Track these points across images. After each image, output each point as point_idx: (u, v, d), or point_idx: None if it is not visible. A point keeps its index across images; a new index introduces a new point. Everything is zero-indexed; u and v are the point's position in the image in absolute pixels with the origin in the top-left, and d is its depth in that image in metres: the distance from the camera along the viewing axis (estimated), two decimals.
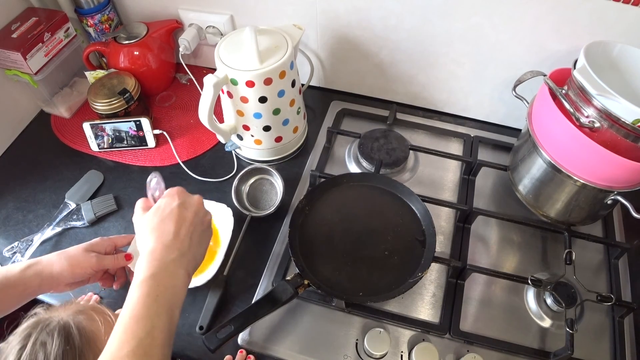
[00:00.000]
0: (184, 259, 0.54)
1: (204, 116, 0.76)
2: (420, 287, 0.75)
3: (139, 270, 0.51)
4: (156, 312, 0.48)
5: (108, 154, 0.95)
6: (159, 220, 0.55)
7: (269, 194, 0.87)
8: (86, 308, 0.59)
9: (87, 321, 0.55)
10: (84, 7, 0.97)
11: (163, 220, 0.55)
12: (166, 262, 0.52)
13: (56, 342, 0.51)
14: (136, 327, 0.47)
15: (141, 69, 0.98)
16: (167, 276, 0.51)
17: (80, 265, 0.64)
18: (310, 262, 0.71)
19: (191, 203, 0.59)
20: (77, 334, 0.53)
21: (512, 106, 0.91)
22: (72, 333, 0.53)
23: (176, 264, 0.53)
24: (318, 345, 0.69)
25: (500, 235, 0.82)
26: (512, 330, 0.71)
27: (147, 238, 0.54)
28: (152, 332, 0.47)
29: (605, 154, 0.62)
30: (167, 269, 0.52)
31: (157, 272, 0.51)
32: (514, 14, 0.77)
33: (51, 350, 0.50)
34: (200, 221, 0.59)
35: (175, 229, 0.55)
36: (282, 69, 0.76)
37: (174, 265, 0.53)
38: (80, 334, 0.53)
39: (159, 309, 0.49)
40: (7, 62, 0.88)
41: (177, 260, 0.53)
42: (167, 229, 0.55)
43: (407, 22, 0.85)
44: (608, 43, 0.70)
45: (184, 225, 0.56)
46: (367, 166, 0.89)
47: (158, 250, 0.53)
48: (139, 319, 0.47)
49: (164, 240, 0.54)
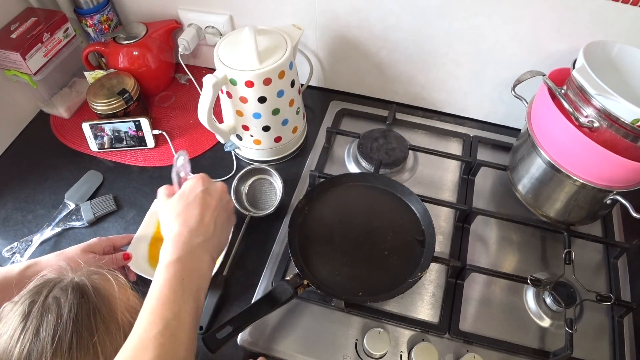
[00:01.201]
0: (208, 243, 0.55)
1: (203, 116, 0.76)
2: (420, 287, 0.75)
3: (165, 253, 0.52)
4: (182, 295, 0.49)
5: (107, 154, 0.95)
6: (184, 205, 0.56)
7: (269, 194, 0.87)
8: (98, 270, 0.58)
9: (102, 281, 0.54)
10: (83, 7, 0.97)
11: (188, 206, 0.56)
12: (192, 245, 0.53)
13: (70, 297, 0.49)
14: (163, 309, 0.47)
15: (140, 69, 0.98)
16: (193, 260, 0.52)
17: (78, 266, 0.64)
18: (310, 262, 0.71)
19: (215, 189, 0.60)
20: (92, 292, 0.51)
21: (511, 106, 0.91)
22: (87, 290, 0.51)
23: (201, 248, 0.54)
24: (318, 345, 0.69)
25: (499, 235, 0.82)
26: (512, 330, 0.71)
27: (172, 223, 0.55)
28: (179, 315, 0.47)
29: (604, 153, 0.62)
30: (192, 252, 0.53)
31: (183, 256, 0.51)
32: (514, 14, 0.77)
33: (65, 303, 0.48)
34: (224, 207, 0.60)
35: (200, 214, 0.56)
36: (281, 69, 0.76)
37: (200, 250, 0.53)
38: (95, 291, 0.51)
39: (185, 292, 0.49)
40: (6, 62, 0.88)
41: (202, 244, 0.54)
42: (192, 214, 0.56)
43: (407, 22, 0.85)
44: (607, 43, 0.70)
45: (208, 210, 0.57)
46: (367, 166, 0.89)
47: (184, 234, 0.53)
48: (166, 302, 0.48)
49: (189, 224, 0.55)
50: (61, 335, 0.47)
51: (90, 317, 0.49)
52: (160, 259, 0.52)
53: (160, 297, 0.48)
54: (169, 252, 0.52)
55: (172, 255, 0.51)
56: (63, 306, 0.48)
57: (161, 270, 0.50)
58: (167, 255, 0.52)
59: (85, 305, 0.49)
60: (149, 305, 0.48)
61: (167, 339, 0.45)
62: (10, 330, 0.47)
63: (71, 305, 0.48)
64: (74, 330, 0.47)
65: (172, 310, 0.47)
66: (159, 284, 0.49)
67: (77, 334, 0.47)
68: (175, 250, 0.52)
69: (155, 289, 0.49)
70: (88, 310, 0.49)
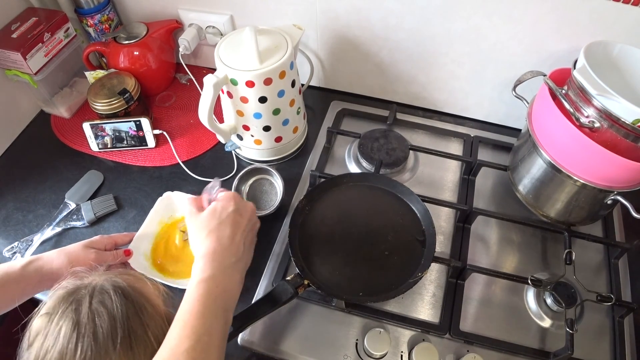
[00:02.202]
0: (239, 263, 0.58)
1: (203, 116, 0.76)
2: (420, 287, 0.75)
3: (198, 269, 0.53)
4: (214, 312, 0.50)
5: (108, 154, 0.95)
6: (216, 223, 0.58)
7: (269, 194, 0.87)
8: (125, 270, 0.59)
9: (135, 281, 0.54)
10: (84, 7, 0.98)
11: (221, 224, 0.58)
12: (225, 265, 0.55)
13: (115, 299, 0.49)
14: (196, 324, 0.48)
15: (141, 69, 0.98)
16: (225, 278, 0.54)
17: (80, 261, 0.65)
18: (310, 262, 0.71)
19: (245, 209, 0.63)
20: (132, 292, 0.51)
21: (512, 106, 0.91)
22: (128, 291, 0.51)
23: (233, 268, 0.56)
24: (318, 345, 0.69)
25: (500, 235, 0.82)
26: (512, 330, 0.71)
27: (205, 239, 0.57)
28: (210, 331, 0.48)
29: (605, 154, 0.62)
30: (225, 271, 0.55)
31: (217, 274, 0.53)
32: (514, 13, 0.77)
33: (113, 306, 0.48)
34: (252, 228, 0.64)
35: (231, 233, 0.58)
36: (282, 69, 0.76)
37: (232, 269, 0.56)
38: (135, 291, 0.52)
39: (217, 310, 0.51)
40: (7, 62, 0.88)
41: (234, 264, 0.56)
42: (224, 233, 0.58)
43: (407, 22, 0.85)
44: (608, 43, 0.70)
45: (239, 230, 0.59)
46: (367, 166, 0.89)
47: (218, 252, 0.56)
48: (199, 317, 0.49)
49: (222, 243, 0.57)
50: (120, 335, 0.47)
51: (139, 315, 0.50)
52: (193, 275, 0.53)
53: (193, 312, 0.49)
54: (202, 268, 0.54)
55: (205, 272, 0.53)
56: (112, 309, 0.48)
57: (194, 286, 0.52)
58: (200, 272, 0.53)
59: (132, 305, 0.50)
60: (181, 319, 0.49)
61: (198, 354, 0.46)
62: (64, 340, 0.46)
63: (120, 307, 0.49)
64: (129, 328, 0.48)
65: (204, 326, 0.48)
66: (192, 299, 0.50)
67: (133, 332, 0.48)
68: (209, 268, 0.54)
69: (188, 303, 0.50)
70: (135, 309, 0.50)
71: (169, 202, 0.82)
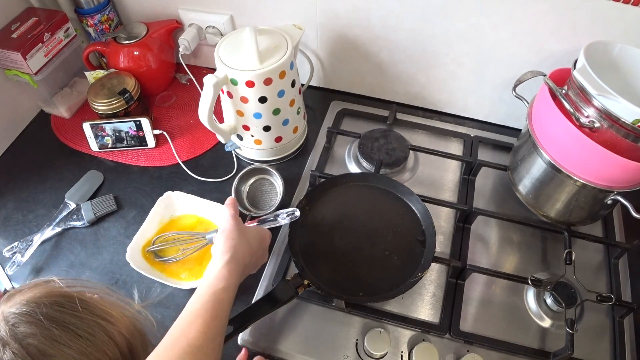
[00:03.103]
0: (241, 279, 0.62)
1: (203, 116, 0.76)
2: (420, 287, 0.75)
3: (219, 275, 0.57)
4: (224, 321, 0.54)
5: (108, 154, 0.95)
6: (247, 250, 0.63)
7: (269, 194, 0.87)
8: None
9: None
10: (84, 7, 0.97)
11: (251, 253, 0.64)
12: (234, 282, 0.58)
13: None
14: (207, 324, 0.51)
15: (141, 69, 0.98)
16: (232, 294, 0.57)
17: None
18: (310, 262, 0.71)
19: (265, 236, 0.70)
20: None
21: (512, 106, 0.91)
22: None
23: (237, 285, 0.59)
24: (318, 345, 0.69)
25: (500, 235, 0.82)
26: (512, 330, 0.71)
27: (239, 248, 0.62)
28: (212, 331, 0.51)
29: (605, 154, 0.62)
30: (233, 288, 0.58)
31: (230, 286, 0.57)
32: (514, 13, 0.77)
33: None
34: (263, 252, 0.69)
35: (250, 254, 0.64)
36: (282, 69, 0.76)
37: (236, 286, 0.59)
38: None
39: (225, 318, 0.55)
40: (7, 62, 0.88)
41: (239, 281, 0.60)
42: (245, 252, 0.62)
43: (407, 22, 0.85)
44: (608, 43, 0.70)
45: (255, 252, 0.66)
46: (367, 166, 0.89)
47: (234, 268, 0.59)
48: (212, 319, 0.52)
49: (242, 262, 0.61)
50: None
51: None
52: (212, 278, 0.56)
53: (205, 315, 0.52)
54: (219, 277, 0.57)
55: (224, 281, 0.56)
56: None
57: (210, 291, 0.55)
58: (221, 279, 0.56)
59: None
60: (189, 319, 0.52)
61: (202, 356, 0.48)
62: None
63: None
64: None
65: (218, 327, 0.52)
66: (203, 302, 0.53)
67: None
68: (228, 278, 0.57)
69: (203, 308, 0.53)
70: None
71: (169, 202, 0.82)
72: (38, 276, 0.78)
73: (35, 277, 0.78)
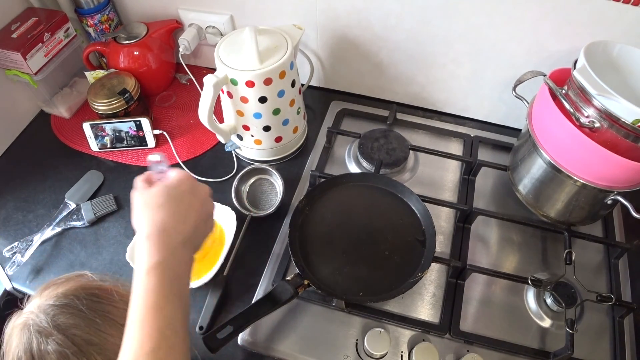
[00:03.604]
0: (189, 244, 0.51)
1: (203, 116, 0.76)
2: (420, 287, 0.75)
3: (144, 254, 0.47)
4: (172, 301, 0.45)
5: (108, 154, 0.95)
6: (165, 200, 0.50)
7: (269, 194, 0.87)
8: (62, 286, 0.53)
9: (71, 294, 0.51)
10: (84, 7, 0.97)
11: (170, 201, 0.51)
12: (174, 246, 0.48)
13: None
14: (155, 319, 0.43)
15: (141, 69, 0.98)
16: (177, 262, 0.48)
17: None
18: (310, 262, 0.71)
19: (199, 191, 0.55)
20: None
21: (512, 106, 0.91)
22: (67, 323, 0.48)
23: (183, 250, 0.49)
24: (318, 345, 0.69)
25: (500, 235, 0.82)
26: (512, 330, 0.71)
27: (151, 216, 0.49)
28: (172, 324, 0.44)
29: (605, 154, 0.62)
30: (175, 254, 0.48)
31: (167, 258, 0.47)
32: (514, 14, 0.77)
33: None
34: (206, 210, 0.56)
35: (182, 212, 0.51)
36: (282, 69, 0.76)
37: (182, 250, 0.49)
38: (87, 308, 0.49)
39: (174, 299, 0.45)
40: (7, 62, 0.88)
41: (183, 245, 0.49)
42: (175, 210, 0.50)
43: (407, 22, 0.85)
44: (608, 43, 0.70)
45: (191, 210, 0.52)
46: (367, 166, 0.89)
47: (165, 231, 0.48)
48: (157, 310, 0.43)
49: (170, 221, 0.49)
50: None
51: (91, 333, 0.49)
52: (140, 261, 0.47)
53: (148, 307, 0.43)
54: (149, 252, 0.47)
55: (153, 257, 0.46)
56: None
57: (144, 275, 0.45)
58: (148, 257, 0.46)
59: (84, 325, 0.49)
60: (137, 316, 0.43)
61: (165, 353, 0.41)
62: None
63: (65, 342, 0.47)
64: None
65: (165, 320, 0.43)
66: (144, 291, 0.44)
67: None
68: (157, 252, 0.47)
69: (141, 297, 0.44)
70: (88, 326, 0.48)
71: None
72: (38, 276, 0.78)
73: (35, 277, 0.78)
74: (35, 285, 0.77)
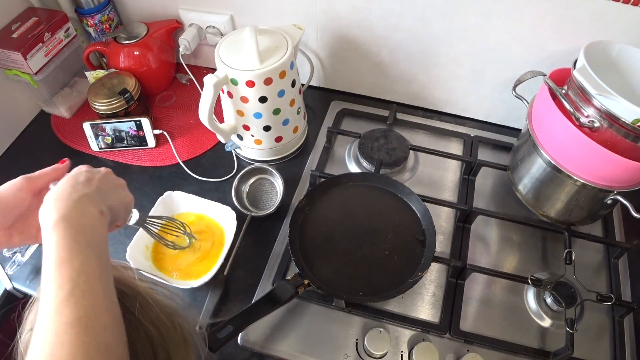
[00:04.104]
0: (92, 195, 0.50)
1: (204, 116, 0.76)
2: (420, 286, 0.75)
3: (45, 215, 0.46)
4: (79, 250, 0.44)
5: (108, 154, 0.95)
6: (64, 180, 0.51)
7: (269, 194, 0.87)
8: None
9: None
10: (84, 7, 0.98)
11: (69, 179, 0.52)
12: (73, 200, 0.47)
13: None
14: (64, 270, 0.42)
15: (141, 69, 0.99)
16: (79, 214, 0.47)
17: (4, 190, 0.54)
18: (310, 262, 0.71)
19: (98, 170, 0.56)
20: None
21: (512, 106, 0.91)
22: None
23: (84, 202, 0.48)
24: (318, 345, 0.69)
25: (500, 235, 0.82)
26: (512, 330, 0.71)
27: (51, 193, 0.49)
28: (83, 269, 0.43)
29: (605, 153, 0.62)
30: (76, 207, 0.47)
31: (68, 212, 0.46)
32: (514, 14, 0.77)
33: None
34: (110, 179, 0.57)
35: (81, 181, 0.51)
36: (282, 69, 0.76)
37: (82, 203, 0.48)
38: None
39: (82, 248, 0.45)
40: (7, 62, 0.88)
41: (83, 197, 0.48)
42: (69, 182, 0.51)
43: (407, 22, 0.85)
44: (608, 43, 0.70)
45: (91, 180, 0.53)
46: (367, 166, 0.89)
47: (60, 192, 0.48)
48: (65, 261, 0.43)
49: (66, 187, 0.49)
50: None
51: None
52: (42, 223, 0.46)
53: (56, 260, 0.43)
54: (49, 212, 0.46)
55: (51, 217, 0.46)
56: None
57: (47, 233, 0.45)
58: (48, 216, 0.46)
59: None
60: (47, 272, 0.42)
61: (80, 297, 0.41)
62: None
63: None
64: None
65: (74, 268, 0.42)
66: (50, 247, 0.44)
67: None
68: (54, 211, 0.46)
69: (48, 254, 0.44)
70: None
71: (169, 202, 0.82)
72: (38, 276, 0.78)
73: (35, 277, 0.78)
74: (35, 285, 0.77)
